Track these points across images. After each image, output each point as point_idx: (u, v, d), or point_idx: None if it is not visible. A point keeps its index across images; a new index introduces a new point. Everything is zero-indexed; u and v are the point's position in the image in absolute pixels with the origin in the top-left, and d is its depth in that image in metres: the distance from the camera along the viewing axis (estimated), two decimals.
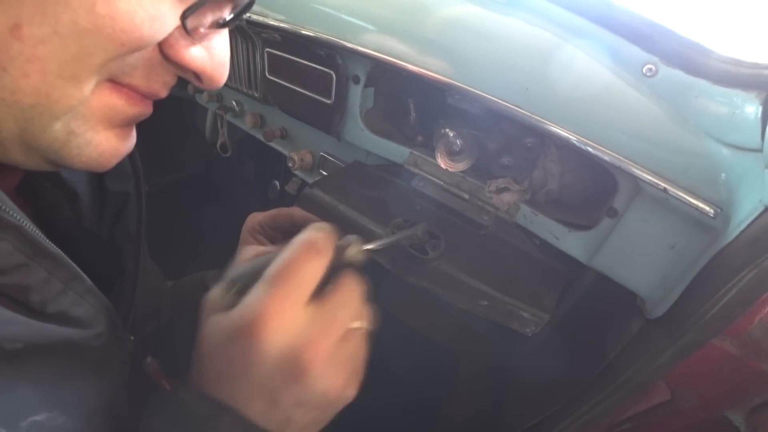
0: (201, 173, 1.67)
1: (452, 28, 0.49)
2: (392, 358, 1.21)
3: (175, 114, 1.46)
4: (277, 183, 1.34)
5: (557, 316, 0.85)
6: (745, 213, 0.39)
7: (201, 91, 1.02)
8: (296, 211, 0.55)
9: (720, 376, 0.51)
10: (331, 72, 0.62)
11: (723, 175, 0.40)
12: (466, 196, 0.58)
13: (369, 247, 0.35)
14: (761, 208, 0.37)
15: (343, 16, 0.58)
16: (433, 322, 1.18)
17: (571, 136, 0.43)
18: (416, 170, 0.61)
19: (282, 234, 0.57)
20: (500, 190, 0.55)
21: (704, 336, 0.46)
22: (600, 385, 0.58)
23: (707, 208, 0.40)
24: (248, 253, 0.43)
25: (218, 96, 1.00)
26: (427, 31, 0.51)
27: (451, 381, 1.15)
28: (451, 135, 0.54)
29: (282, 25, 0.63)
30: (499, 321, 0.48)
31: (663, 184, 0.41)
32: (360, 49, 0.54)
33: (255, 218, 0.55)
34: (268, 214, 0.55)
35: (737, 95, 0.39)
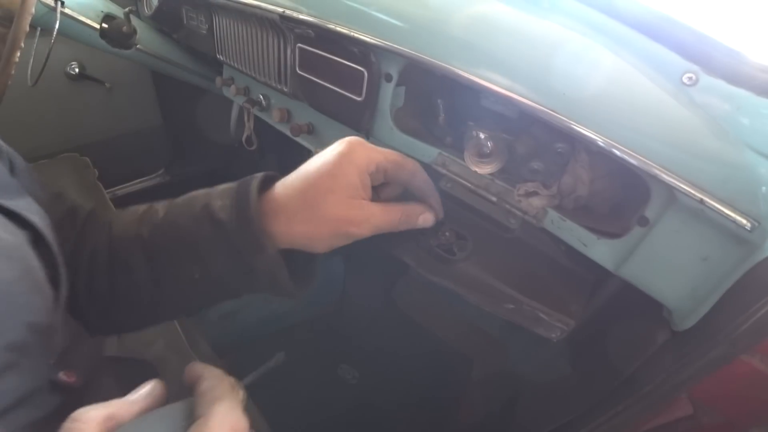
0: (222, 166, 1.69)
1: (489, 30, 0.49)
2: (405, 358, 1.21)
3: (200, 106, 1.49)
4: None
5: (579, 323, 0.85)
6: None
7: (229, 84, 1.03)
8: (417, 178, 0.48)
9: (747, 393, 0.50)
10: (363, 69, 0.62)
11: (763, 188, 0.39)
12: (494, 199, 0.57)
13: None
14: None
15: (378, 14, 0.58)
16: (448, 323, 1.18)
17: (609, 144, 0.43)
18: (444, 171, 0.61)
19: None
20: (529, 194, 0.54)
21: (733, 351, 0.45)
22: (620, 396, 0.57)
23: (744, 221, 0.39)
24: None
25: (246, 89, 1.01)
26: (463, 31, 0.51)
27: (463, 383, 1.15)
28: (483, 137, 0.54)
29: (316, 21, 0.64)
30: (525, 325, 0.48)
31: (699, 195, 0.40)
32: (396, 47, 0.54)
33: (369, 155, 0.45)
34: (386, 157, 0.46)
35: None
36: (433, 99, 0.65)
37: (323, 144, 0.83)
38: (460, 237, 0.53)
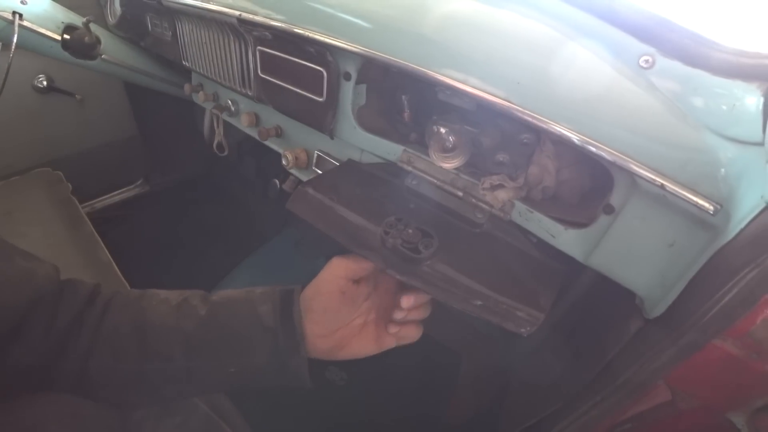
0: (202, 173, 1.67)
1: (443, 23, 0.48)
2: (393, 356, 1.20)
3: (175, 114, 1.47)
4: (277, 182, 1.33)
5: (557, 315, 0.84)
6: (746, 210, 0.37)
7: (198, 91, 1.02)
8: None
9: (721, 377, 0.49)
10: (322, 69, 0.61)
11: (723, 170, 0.38)
12: (460, 194, 0.56)
13: None
14: (763, 205, 0.36)
15: (331, 11, 0.57)
16: (435, 319, 1.16)
17: (563, 131, 0.42)
18: (410, 168, 0.60)
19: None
20: (494, 187, 0.53)
21: (704, 337, 0.45)
22: (599, 386, 0.57)
23: (707, 205, 0.39)
24: None
25: (214, 95, 0.99)
26: (418, 25, 0.49)
27: (452, 380, 1.14)
28: (443, 131, 0.53)
29: (271, 22, 0.62)
30: (494, 321, 0.47)
31: (660, 180, 0.39)
32: (346, 45, 0.53)
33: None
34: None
35: (738, 86, 0.37)
36: (396, 96, 0.64)
37: (292, 146, 0.81)
38: (426, 234, 0.52)
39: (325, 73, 0.61)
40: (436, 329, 1.20)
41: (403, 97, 0.63)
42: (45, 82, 1.26)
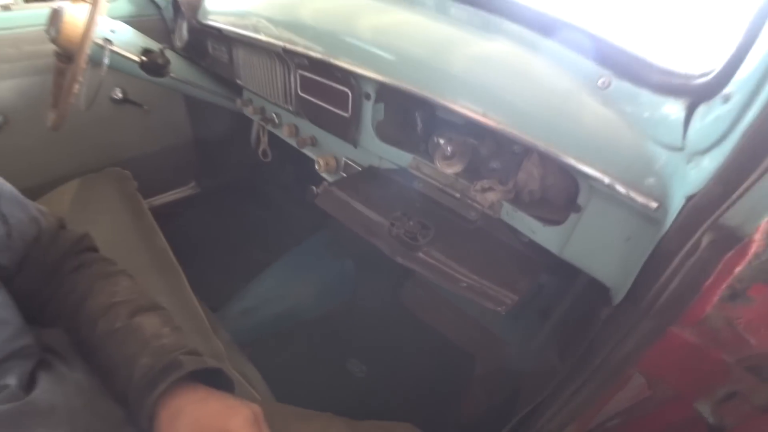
0: (247, 178, 1.84)
1: (442, 51, 0.59)
2: (411, 354, 1.28)
3: (227, 124, 1.65)
4: (314, 188, 1.47)
5: (559, 319, 0.90)
6: (675, 205, 0.45)
7: (247, 105, 1.17)
8: None
9: (686, 365, 0.52)
10: (348, 90, 0.73)
11: (658, 172, 0.46)
12: (458, 195, 0.66)
13: None
14: (683, 200, 0.43)
15: (355, 43, 0.69)
16: (451, 322, 1.25)
17: (531, 141, 0.51)
18: (417, 172, 0.71)
19: None
20: (485, 190, 0.63)
21: (661, 322, 0.50)
22: (580, 370, 0.63)
23: (648, 202, 0.46)
24: None
25: (261, 109, 1.15)
26: (421, 54, 0.60)
27: (465, 379, 1.20)
28: (442, 142, 0.63)
29: (309, 52, 0.75)
30: (475, 300, 0.56)
31: (608, 180, 0.48)
32: (362, 71, 0.65)
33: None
34: None
35: (669, 102, 0.45)
36: (410, 113, 0.75)
37: (324, 154, 0.94)
38: (425, 227, 0.62)
39: (350, 94, 0.73)
40: (450, 331, 1.27)
41: (416, 113, 0.75)
42: (120, 95, 1.47)
